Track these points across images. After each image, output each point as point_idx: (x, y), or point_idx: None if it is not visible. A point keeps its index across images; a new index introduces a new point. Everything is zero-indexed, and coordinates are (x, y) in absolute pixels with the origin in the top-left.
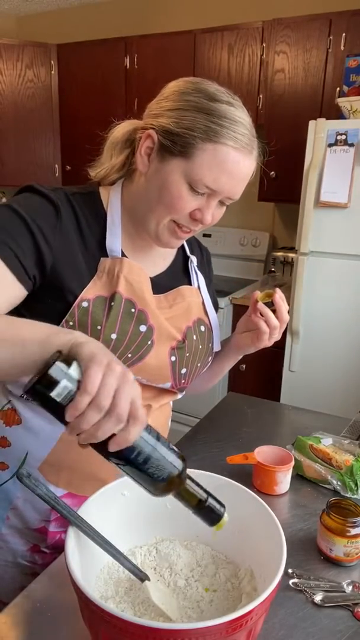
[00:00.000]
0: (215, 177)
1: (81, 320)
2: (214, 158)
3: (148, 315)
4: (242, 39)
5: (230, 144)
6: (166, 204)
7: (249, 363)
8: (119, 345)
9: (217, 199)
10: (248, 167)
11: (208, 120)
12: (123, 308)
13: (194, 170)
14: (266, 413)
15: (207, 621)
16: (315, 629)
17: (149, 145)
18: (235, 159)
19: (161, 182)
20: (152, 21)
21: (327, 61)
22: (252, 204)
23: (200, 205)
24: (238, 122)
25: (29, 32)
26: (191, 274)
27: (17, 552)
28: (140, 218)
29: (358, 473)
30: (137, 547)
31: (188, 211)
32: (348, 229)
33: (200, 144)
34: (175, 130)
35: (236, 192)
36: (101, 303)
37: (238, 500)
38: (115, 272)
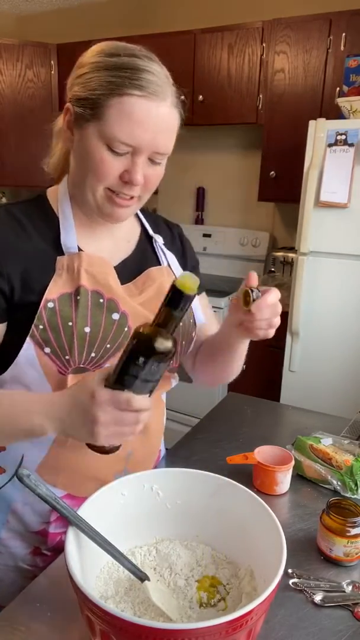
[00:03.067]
0: (128, 131)
1: (51, 321)
2: (121, 111)
3: (118, 302)
4: (242, 39)
5: (135, 93)
6: (92, 171)
7: (249, 363)
8: (94, 338)
9: (143, 156)
10: (164, 115)
11: (109, 75)
12: (91, 300)
13: (107, 129)
14: (266, 413)
15: (207, 621)
16: (315, 629)
17: (68, 118)
18: (144, 107)
19: (83, 151)
20: (152, 21)
21: (327, 61)
22: (252, 204)
23: (127, 166)
24: (141, 70)
25: (29, 32)
26: (158, 253)
27: (17, 556)
28: (83, 198)
29: (358, 473)
30: (137, 547)
31: (115, 175)
32: (348, 229)
33: (105, 101)
34: (83, 95)
35: (159, 145)
36: (67, 300)
37: (238, 500)
38: (75, 267)
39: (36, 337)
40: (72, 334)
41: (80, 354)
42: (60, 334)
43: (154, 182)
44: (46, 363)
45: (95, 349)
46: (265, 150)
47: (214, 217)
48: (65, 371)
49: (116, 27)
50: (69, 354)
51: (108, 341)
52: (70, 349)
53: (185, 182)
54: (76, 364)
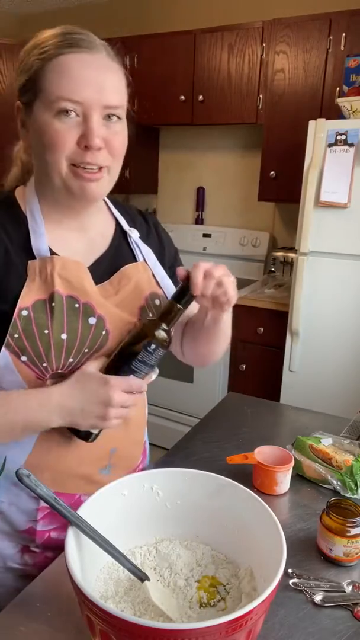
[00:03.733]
0: (68, 85)
1: (26, 330)
2: (59, 71)
3: (94, 306)
4: (242, 39)
5: (66, 50)
6: (49, 147)
7: (249, 363)
8: (72, 344)
9: (95, 115)
10: (103, 65)
11: (39, 49)
12: (66, 305)
13: (49, 96)
14: (266, 413)
15: (207, 621)
16: (315, 629)
17: (20, 116)
18: (78, 59)
19: (37, 133)
20: (152, 21)
21: (327, 61)
22: (252, 204)
23: (82, 131)
24: (67, 32)
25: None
26: (133, 248)
27: (6, 557)
28: (50, 189)
29: (358, 473)
30: (137, 547)
31: (72, 142)
32: (348, 229)
33: (42, 71)
34: (23, 80)
35: (107, 99)
36: (41, 307)
37: (238, 500)
38: (47, 271)
39: (12, 347)
40: (49, 342)
41: (57, 360)
42: (37, 342)
43: (117, 146)
44: (23, 370)
45: (73, 354)
46: (265, 150)
47: (214, 217)
48: (44, 377)
49: (116, 27)
50: (46, 361)
51: (86, 346)
52: (47, 356)
53: (185, 182)
54: (54, 370)
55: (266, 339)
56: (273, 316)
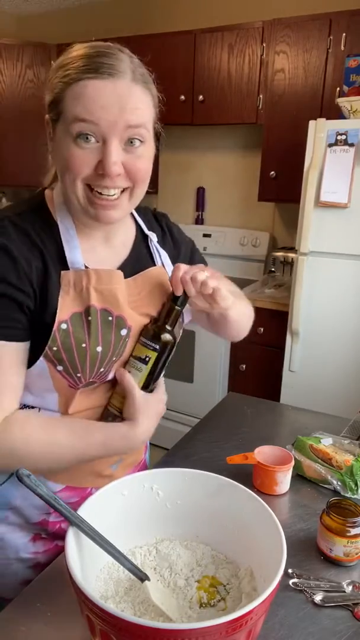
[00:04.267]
0: (84, 108)
1: (64, 343)
2: (77, 95)
3: (126, 318)
4: (242, 39)
5: (84, 76)
6: (67, 169)
7: (249, 363)
8: (105, 356)
9: (113, 140)
10: (124, 90)
11: (64, 70)
12: (100, 319)
13: (67, 117)
14: (266, 413)
15: (207, 621)
16: (315, 629)
17: (49, 130)
18: (97, 86)
19: (57, 153)
20: (152, 21)
21: (327, 61)
22: (252, 204)
23: (100, 156)
24: (90, 54)
25: (29, 32)
26: (153, 253)
27: (19, 547)
28: (70, 204)
29: (358, 473)
30: (137, 547)
31: (89, 166)
32: (348, 229)
33: (63, 95)
34: (49, 99)
35: (127, 117)
36: (78, 320)
37: (238, 500)
38: (83, 285)
39: (50, 357)
40: (85, 355)
41: (91, 371)
42: (74, 355)
43: (139, 170)
44: (57, 378)
45: (105, 364)
46: (265, 150)
47: (214, 217)
48: (76, 386)
49: (116, 27)
50: (81, 372)
51: (114, 355)
52: (82, 367)
53: (185, 182)
54: (86, 380)
55: (266, 339)
56: (273, 316)
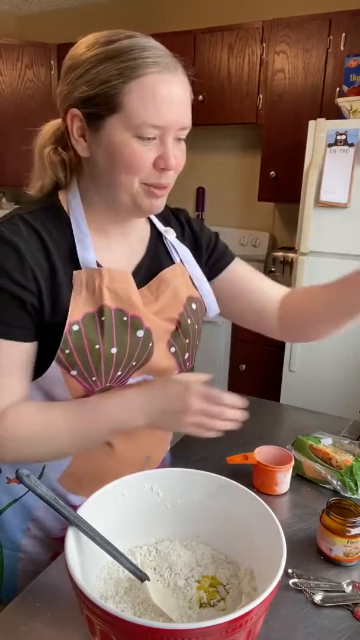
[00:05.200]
0: (156, 111)
1: (77, 345)
2: (144, 92)
3: (142, 318)
4: (242, 39)
5: (151, 70)
6: (125, 168)
7: (249, 363)
8: (121, 358)
9: (171, 137)
10: (182, 87)
11: (117, 62)
12: (115, 319)
13: (132, 117)
14: (266, 413)
15: (207, 621)
16: (315, 629)
17: (77, 125)
18: (166, 82)
19: (107, 151)
20: (152, 21)
21: (327, 61)
22: (252, 204)
23: (159, 152)
24: (147, 47)
25: (29, 32)
26: (170, 250)
27: (38, 562)
28: (109, 203)
29: (358, 473)
30: (137, 547)
31: (149, 164)
32: (348, 229)
33: (122, 88)
34: (93, 92)
35: (184, 119)
36: (91, 321)
37: (238, 500)
38: (95, 284)
39: (62, 361)
40: (99, 357)
41: (107, 374)
42: (87, 357)
43: (182, 162)
44: (72, 384)
45: (122, 368)
46: (265, 150)
47: (214, 217)
48: (92, 391)
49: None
50: (96, 375)
51: (134, 359)
52: (97, 370)
53: (185, 182)
54: (102, 384)
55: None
56: None
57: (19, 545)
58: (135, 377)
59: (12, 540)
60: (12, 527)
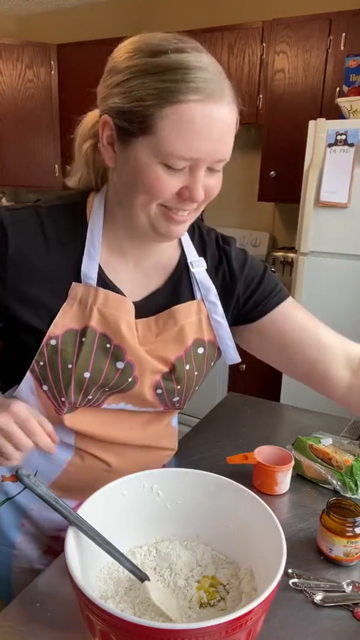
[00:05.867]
0: (188, 144)
1: (51, 360)
2: (179, 122)
3: (125, 350)
4: (242, 39)
5: (192, 98)
6: (146, 190)
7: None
8: (93, 384)
9: (203, 168)
10: (226, 117)
11: (157, 79)
12: (97, 344)
13: (162, 145)
14: (266, 413)
15: (207, 621)
16: (315, 629)
17: (108, 133)
18: (205, 114)
19: (133, 169)
20: (152, 21)
21: (327, 61)
22: (252, 204)
23: (186, 182)
24: (194, 68)
25: (29, 32)
26: (193, 283)
27: (32, 558)
28: (128, 219)
29: (358, 473)
30: (137, 547)
31: (172, 192)
32: (348, 229)
33: (157, 112)
34: (127, 106)
35: (222, 152)
36: (71, 338)
37: (238, 500)
38: (88, 302)
39: (36, 373)
40: (70, 377)
41: (76, 396)
42: (58, 375)
43: (215, 192)
44: (43, 398)
45: (93, 392)
46: (265, 150)
47: (214, 217)
48: (61, 411)
49: (116, 27)
50: (65, 395)
51: (109, 386)
52: (67, 391)
53: None
54: (72, 404)
55: None
56: None
57: (13, 542)
58: (110, 404)
59: (6, 536)
60: (6, 524)
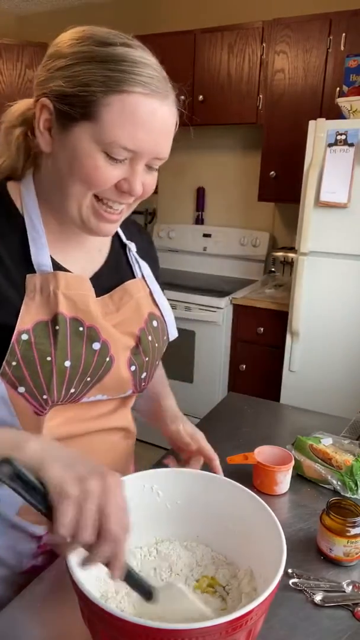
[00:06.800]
0: (131, 134)
1: (25, 357)
2: (123, 111)
3: (99, 330)
4: (242, 39)
5: (137, 90)
6: (82, 178)
7: (249, 363)
8: (75, 373)
9: (142, 162)
10: (168, 116)
11: (104, 68)
12: (70, 329)
13: (104, 132)
14: (266, 413)
15: (207, 621)
16: (315, 629)
17: (46, 117)
18: (149, 107)
19: (70, 155)
20: (152, 21)
21: (327, 61)
22: (252, 204)
23: (125, 174)
24: (140, 63)
25: (29, 32)
26: (132, 263)
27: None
28: (59, 207)
29: (358, 473)
30: (137, 548)
31: (111, 183)
32: (348, 229)
33: (102, 98)
34: (70, 90)
35: (161, 150)
36: (43, 330)
37: (238, 500)
38: (50, 289)
39: (8, 375)
40: (51, 370)
41: (59, 391)
42: (38, 371)
43: (150, 190)
44: (20, 403)
45: (75, 384)
46: (265, 150)
47: (214, 217)
48: (42, 412)
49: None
50: (47, 392)
51: (89, 374)
52: (49, 386)
53: (185, 182)
54: (54, 401)
55: (266, 339)
56: (273, 316)
57: None
58: (89, 397)
59: None
60: None
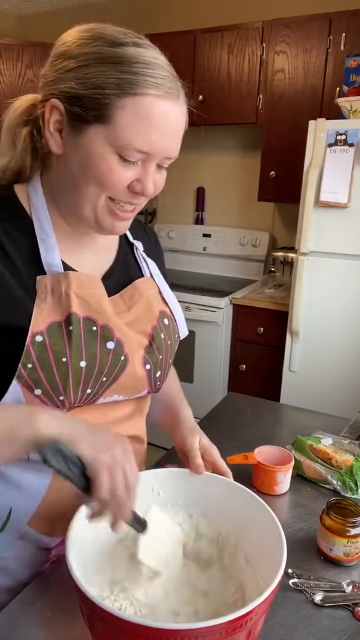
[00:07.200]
0: (145, 137)
1: (41, 358)
2: (137, 114)
3: (112, 329)
4: (242, 39)
5: (151, 92)
6: (97, 181)
7: (249, 363)
8: (90, 373)
9: (155, 163)
10: (179, 116)
11: (117, 70)
12: (83, 328)
13: (118, 135)
14: (266, 413)
15: (207, 621)
16: (315, 629)
17: (56, 118)
18: (163, 109)
19: (83, 158)
20: (152, 21)
21: (327, 61)
22: (252, 204)
23: (138, 175)
24: (153, 64)
25: (29, 32)
26: (139, 262)
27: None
28: (72, 209)
29: (358, 473)
30: None
31: (124, 185)
32: (348, 229)
33: (116, 101)
34: (82, 92)
35: (173, 150)
36: (57, 330)
37: (238, 500)
38: (62, 290)
39: (24, 378)
40: (67, 371)
41: (75, 392)
42: (53, 372)
43: (160, 188)
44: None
45: (91, 384)
46: (265, 150)
47: (214, 217)
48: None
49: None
50: (63, 394)
51: (104, 374)
52: (65, 387)
53: (185, 182)
54: (71, 403)
55: (266, 339)
56: (273, 316)
57: None
58: (105, 397)
59: None
60: None
